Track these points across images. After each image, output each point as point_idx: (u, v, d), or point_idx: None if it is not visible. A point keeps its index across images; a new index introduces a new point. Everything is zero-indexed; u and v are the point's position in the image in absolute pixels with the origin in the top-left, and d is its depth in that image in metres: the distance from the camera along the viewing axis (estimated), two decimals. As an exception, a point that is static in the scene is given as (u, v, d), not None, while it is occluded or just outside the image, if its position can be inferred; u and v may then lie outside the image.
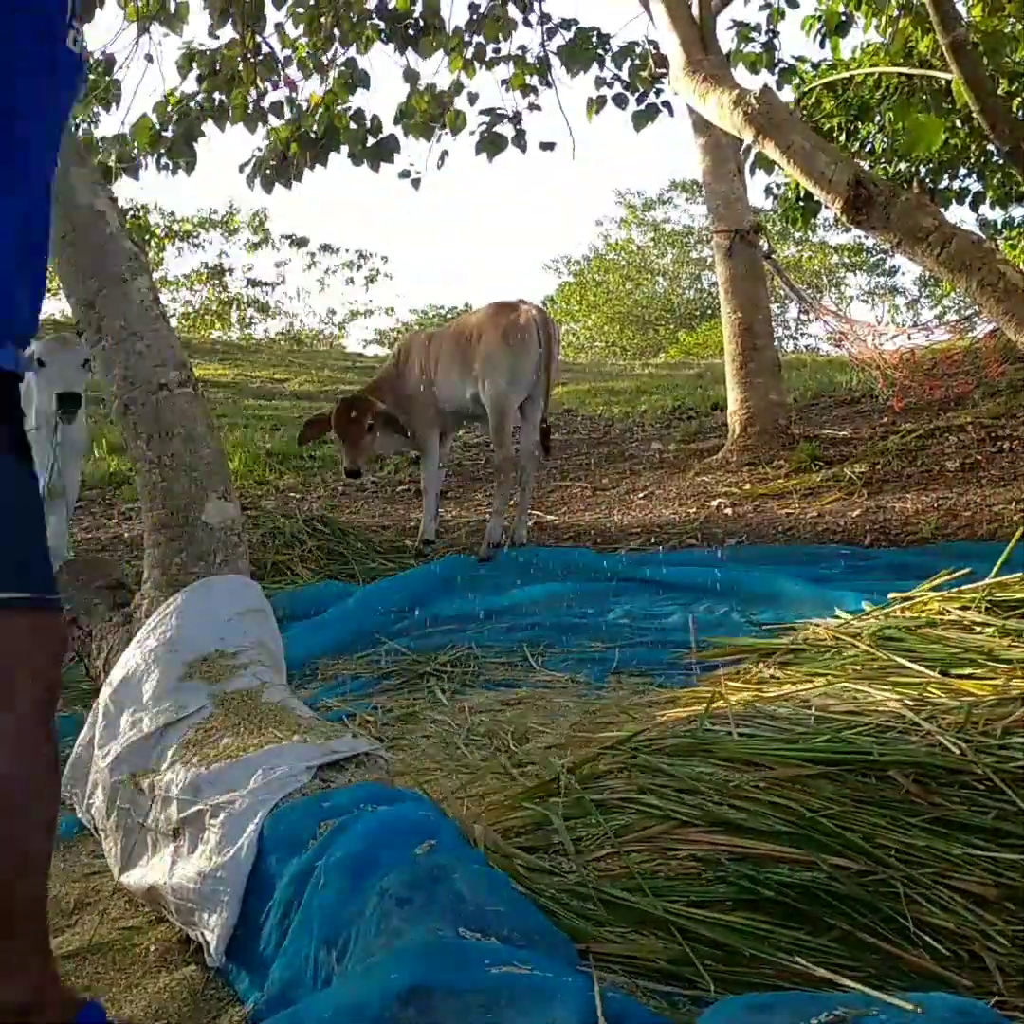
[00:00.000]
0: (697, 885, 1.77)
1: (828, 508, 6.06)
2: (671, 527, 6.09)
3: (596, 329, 29.30)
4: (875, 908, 1.68)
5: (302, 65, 8.16)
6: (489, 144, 8.45)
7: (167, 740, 2.12)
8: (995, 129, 4.84)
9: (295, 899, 1.70)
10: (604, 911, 1.72)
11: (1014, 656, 2.74)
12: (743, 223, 7.62)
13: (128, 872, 2.07)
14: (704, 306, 27.23)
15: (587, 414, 9.99)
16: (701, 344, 21.86)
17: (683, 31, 6.09)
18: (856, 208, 4.45)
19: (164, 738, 2.13)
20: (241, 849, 1.83)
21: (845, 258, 27.39)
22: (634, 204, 30.19)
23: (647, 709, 2.96)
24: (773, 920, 1.69)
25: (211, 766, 2.00)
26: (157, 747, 2.12)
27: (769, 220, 15.99)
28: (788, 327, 27.01)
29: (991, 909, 1.70)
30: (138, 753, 2.14)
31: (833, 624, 3.40)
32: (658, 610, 4.24)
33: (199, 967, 1.84)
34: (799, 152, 4.70)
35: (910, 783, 1.92)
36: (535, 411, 5.63)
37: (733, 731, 2.26)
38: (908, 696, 2.45)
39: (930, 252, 4.29)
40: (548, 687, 3.40)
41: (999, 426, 7.01)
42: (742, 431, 7.50)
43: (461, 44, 8.35)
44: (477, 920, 1.48)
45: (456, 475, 8.27)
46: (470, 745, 2.82)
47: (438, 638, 3.99)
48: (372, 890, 1.57)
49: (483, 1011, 1.28)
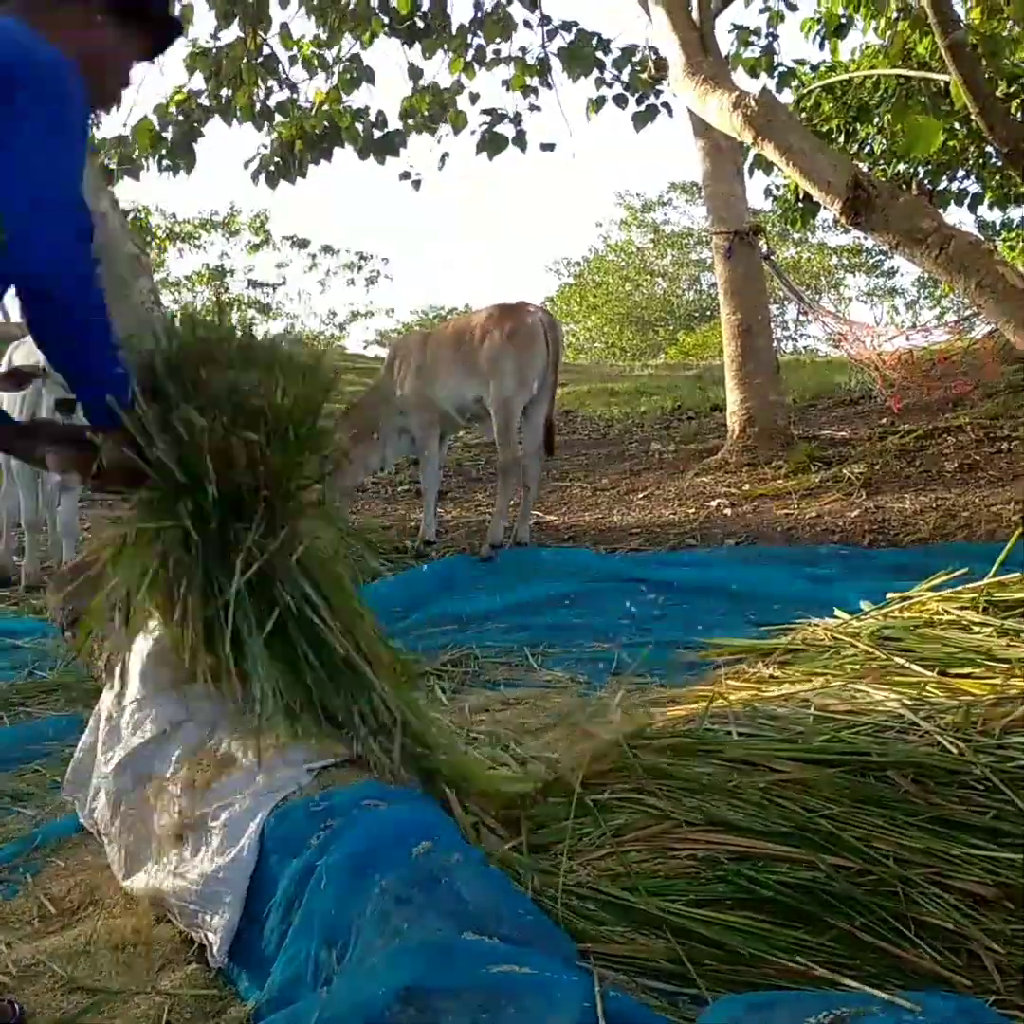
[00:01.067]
0: (697, 885, 1.78)
1: (827, 508, 6.07)
2: (671, 527, 6.10)
3: (596, 330, 29.31)
4: (874, 908, 1.69)
5: (307, 64, 8.17)
6: (489, 143, 8.46)
7: (169, 743, 2.12)
8: (993, 131, 4.85)
9: (296, 899, 1.71)
10: (604, 911, 1.73)
11: (1012, 656, 2.75)
12: (742, 224, 7.62)
13: (132, 877, 2.07)
14: (703, 307, 27.24)
15: (587, 415, 9.99)
16: (700, 345, 21.87)
17: (683, 33, 6.09)
18: (855, 209, 4.46)
19: (167, 741, 2.13)
20: (242, 850, 1.84)
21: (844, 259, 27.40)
22: (634, 205, 30.21)
23: (647, 709, 2.96)
24: (773, 920, 1.70)
25: (213, 769, 2.00)
26: (160, 751, 2.12)
27: (768, 221, 16.00)
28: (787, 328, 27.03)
29: (990, 908, 1.70)
30: (141, 758, 2.13)
31: (832, 624, 3.40)
32: (658, 610, 4.25)
33: (201, 966, 1.84)
34: (798, 153, 4.70)
35: (909, 783, 1.92)
36: (539, 412, 5.65)
37: (733, 731, 2.26)
38: (907, 696, 2.46)
39: (929, 253, 4.30)
40: (548, 687, 3.41)
41: (997, 427, 7.02)
42: (741, 432, 7.51)
43: (463, 45, 8.36)
44: (477, 920, 1.49)
45: (456, 475, 8.27)
46: (470, 745, 2.82)
47: (438, 638, 3.99)
48: (372, 890, 1.58)
49: (483, 1010, 1.29)
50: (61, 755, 2.91)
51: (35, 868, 2.28)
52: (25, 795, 2.71)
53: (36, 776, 2.83)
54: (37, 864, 2.29)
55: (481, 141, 8.50)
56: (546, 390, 5.59)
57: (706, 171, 7.70)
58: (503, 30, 8.42)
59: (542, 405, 5.63)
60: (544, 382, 5.55)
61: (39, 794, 2.70)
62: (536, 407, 5.63)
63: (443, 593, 4.57)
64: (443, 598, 4.51)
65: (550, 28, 8.53)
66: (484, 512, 7.04)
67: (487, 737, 2.85)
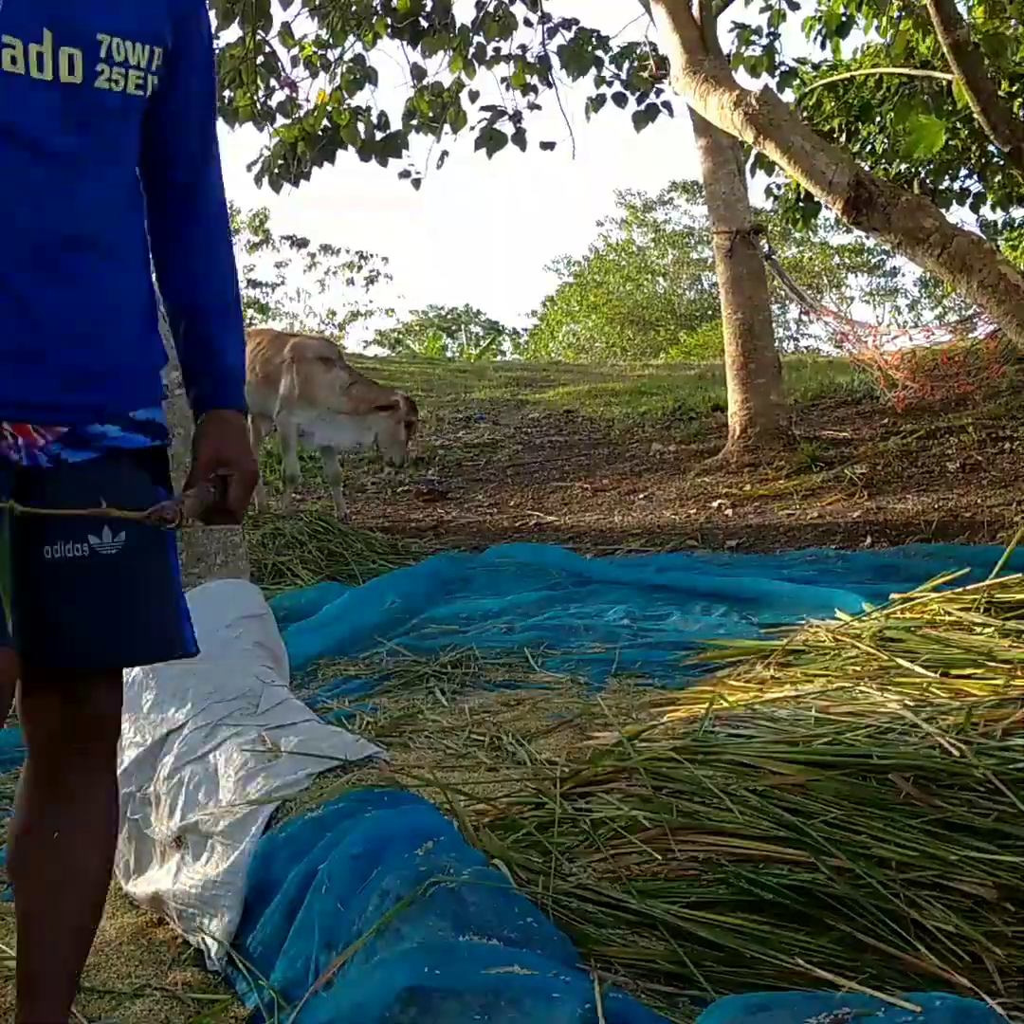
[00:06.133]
0: (698, 887, 1.77)
1: (829, 509, 6.06)
2: (671, 528, 6.10)
3: (596, 330, 29.28)
4: (875, 910, 1.68)
5: (308, 64, 8.16)
6: (489, 140, 8.44)
7: (169, 748, 2.11)
8: (996, 130, 4.84)
9: (296, 902, 1.71)
10: (604, 913, 1.73)
11: (1014, 657, 2.75)
12: (744, 224, 7.62)
13: (133, 880, 2.07)
14: (705, 307, 27.20)
15: (587, 415, 9.98)
16: (702, 345, 21.84)
17: (684, 32, 6.09)
18: (857, 209, 4.45)
19: (166, 747, 2.12)
20: (243, 854, 1.84)
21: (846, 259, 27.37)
22: (634, 205, 30.16)
23: (647, 710, 2.96)
24: (773, 921, 1.70)
25: (213, 772, 2.00)
26: (160, 756, 2.12)
27: (770, 221, 15.98)
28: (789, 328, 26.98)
29: (991, 911, 1.70)
30: (143, 764, 2.13)
31: (833, 625, 3.40)
32: (658, 611, 4.25)
33: (201, 968, 1.84)
34: (800, 153, 4.69)
35: (910, 785, 1.92)
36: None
37: (733, 733, 2.26)
38: (908, 697, 2.46)
39: (931, 253, 4.29)
40: (548, 688, 3.40)
41: (1000, 427, 7.01)
42: (742, 432, 7.50)
43: (464, 44, 8.34)
44: (477, 921, 1.49)
45: (456, 475, 8.27)
46: (470, 746, 2.82)
47: (438, 639, 3.99)
48: (373, 892, 1.57)
49: (483, 1012, 1.29)
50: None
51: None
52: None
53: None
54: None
55: (480, 138, 8.48)
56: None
57: (707, 170, 7.70)
58: (504, 29, 8.41)
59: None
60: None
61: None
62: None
63: (443, 594, 4.57)
64: (443, 598, 4.51)
65: (550, 26, 8.53)
66: (484, 512, 7.04)
67: (488, 738, 2.85)
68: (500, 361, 19.88)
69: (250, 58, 7.84)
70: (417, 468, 8.19)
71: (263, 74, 7.99)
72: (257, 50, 7.91)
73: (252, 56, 7.86)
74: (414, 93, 8.42)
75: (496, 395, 11.32)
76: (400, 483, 7.99)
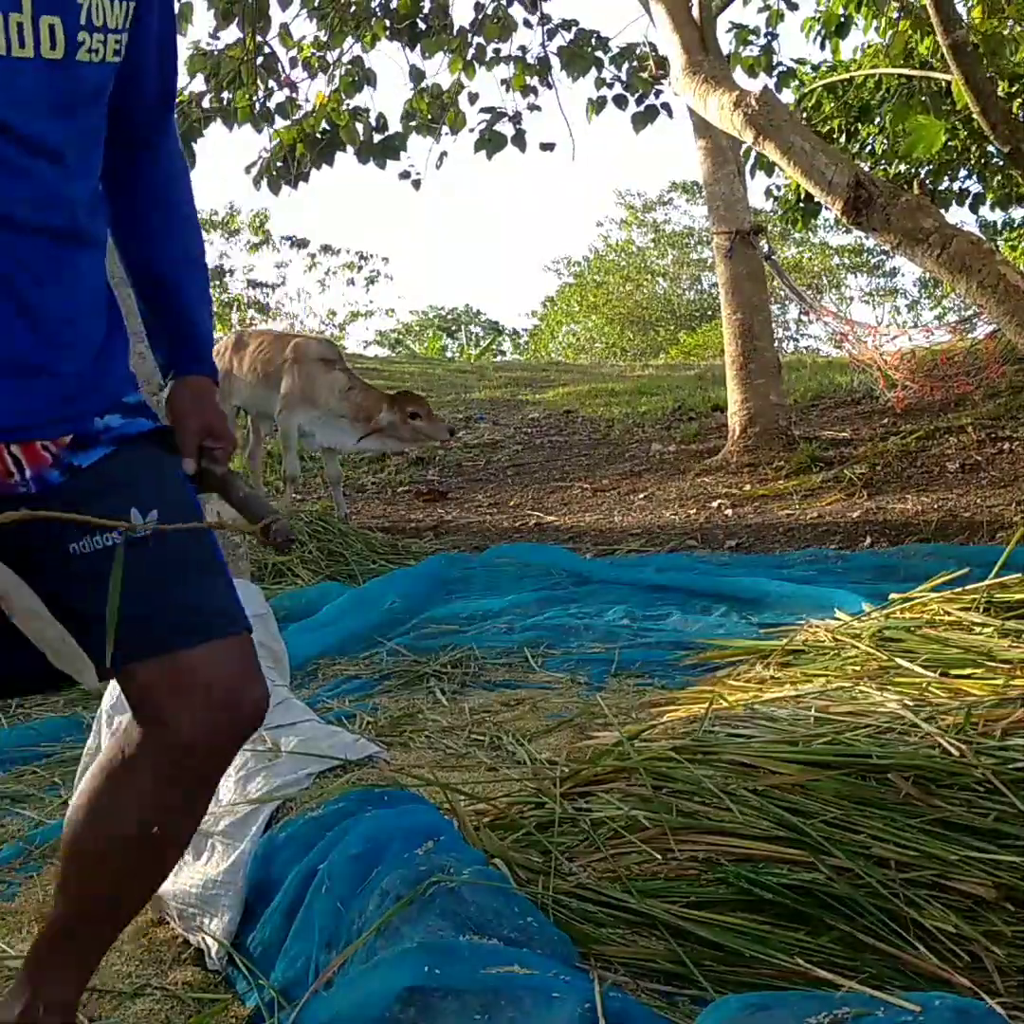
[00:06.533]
0: (697, 886, 1.77)
1: (828, 509, 6.07)
2: (671, 528, 6.10)
3: (596, 330, 29.28)
4: (874, 909, 1.69)
5: (307, 65, 8.16)
6: (488, 142, 8.44)
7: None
8: (995, 130, 4.85)
9: (297, 901, 1.71)
10: (604, 912, 1.73)
11: (1014, 657, 2.75)
12: (743, 224, 7.62)
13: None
14: (704, 307, 27.20)
15: (587, 415, 9.98)
16: (701, 345, 21.84)
17: (683, 33, 6.09)
18: (856, 209, 4.45)
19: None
20: (243, 854, 1.84)
21: (845, 259, 27.37)
22: (634, 205, 30.16)
23: (647, 710, 2.96)
24: (773, 921, 1.70)
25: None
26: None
27: (769, 221, 15.99)
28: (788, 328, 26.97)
29: (990, 910, 1.70)
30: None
31: (833, 625, 3.40)
32: (658, 611, 4.25)
33: (201, 968, 1.84)
34: (799, 153, 4.70)
35: (909, 785, 1.92)
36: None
37: (733, 733, 2.26)
38: (908, 697, 2.46)
39: (930, 253, 4.29)
40: (548, 688, 3.41)
41: (999, 427, 7.01)
42: (742, 432, 7.50)
43: (463, 45, 8.35)
44: (477, 920, 1.49)
45: (456, 475, 8.27)
46: (470, 746, 2.82)
47: (438, 639, 3.99)
48: (373, 891, 1.58)
49: (483, 1011, 1.29)
50: (60, 757, 2.91)
51: (35, 870, 2.28)
52: (24, 796, 2.70)
53: (35, 778, 2.82)
54: (37, 866, 2.29)
55: (480, 139, 8.49)
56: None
57: (707, 171, 7.70)
58: (503, 30, 8.41)
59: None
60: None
61: (38, 796, 2.70)
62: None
63: (443, 594, 4.57)
64: (443, 599, 4.51)
65: (550, 27, 8.54)
66: (484, 512, 7.05)
67: (488, 738, 2.86)
68: (500, 361, 19.88)
69: (249, 59, 7.84)
70: (417, 469, 8.21)
71: (262, 75, 7.99)
72: (256, 51, 7.91)
73: (251, 57, 7.86)
74: (413, 95, 8.42)
75: (496, 395, 11.32)
76: (400, 483, 8.00)
